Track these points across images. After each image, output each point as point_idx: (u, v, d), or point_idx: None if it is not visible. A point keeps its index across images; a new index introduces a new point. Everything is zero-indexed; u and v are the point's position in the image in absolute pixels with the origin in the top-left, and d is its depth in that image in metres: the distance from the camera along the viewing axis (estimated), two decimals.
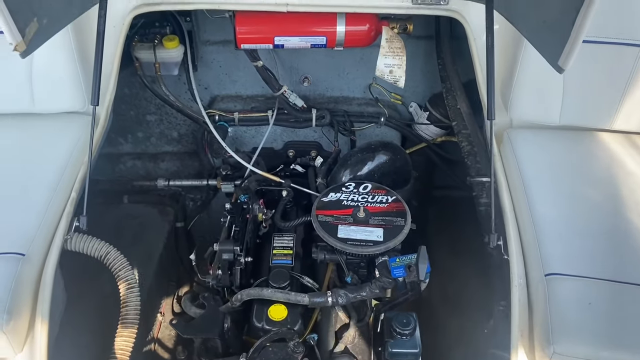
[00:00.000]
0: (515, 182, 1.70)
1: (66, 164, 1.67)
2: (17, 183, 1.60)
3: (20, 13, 1.31)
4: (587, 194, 1.61)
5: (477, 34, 1.76)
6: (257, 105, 2.44)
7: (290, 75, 2.42)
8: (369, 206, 1.68)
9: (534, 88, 1.76)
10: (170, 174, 2.60)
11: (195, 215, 2.60)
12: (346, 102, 2.49)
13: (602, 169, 1.69)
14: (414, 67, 2.33)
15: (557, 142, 1.80)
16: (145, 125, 2.54)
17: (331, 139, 2.42)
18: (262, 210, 1.82)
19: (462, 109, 2.04)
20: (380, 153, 1.97)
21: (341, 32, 1.85)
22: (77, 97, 1.80)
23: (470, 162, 1.94)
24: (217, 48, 2.35)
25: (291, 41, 1.86)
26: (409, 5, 1.73)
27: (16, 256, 1.41)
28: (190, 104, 2.41)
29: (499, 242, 1.53)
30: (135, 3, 1.76)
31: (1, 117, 1.81)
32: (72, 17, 1.56)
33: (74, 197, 1.60)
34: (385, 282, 1.53)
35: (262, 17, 1.81)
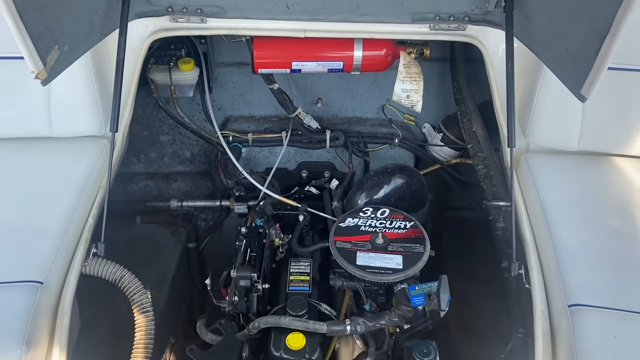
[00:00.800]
0: (534, 208, 1.68)
1: (83, 189, 1.67)
2: (34, 209, 1.60)
3: (42, 41, 1.31)
4: (606, 221, 1.60)
5: (494, 59, 1.76)
6: (270, 126, 2.44)
7: (303, 96, 2.42)
8: (387, 232, 1.67)
9: (552, 113, 1.75)
10: (182, 194, 2.59)
11: (207, 236, 2.59)
12: (359, 123, 2.48)
13: (621, 196, 1.68)
14: (428, 88, 2.32)
15: (576, 167, 1.78)
16: (158, 145, 2.54)
17: (345, 160, 2.41)
18: (279, 236, 1.81)
19: (477, 132, 2.03)
20: (396, 176, 1.96)
21: (358, 57, 1.85)
22: (94, 121, 1.80)
23: (487, 185, 1.93)
24: (232, 69, 2.36)
25: (308, 66, 1.86)
26: (427, 31, 1.73)
27: (34, 284, 1.40)
28: (204, 125, 2.42)
29: (520, 271, 1.51)
30: (152, 29, 1.77)
31: (18, 141, 1.81)
32: (92, 43, 1.57)
33: (91, 224, 1.60)
34: (405, 311, 1.51)
35: (279, 42, 1.81)
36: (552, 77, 1.68)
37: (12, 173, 1.72)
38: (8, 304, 1.34)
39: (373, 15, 1.69)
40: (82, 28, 1.50)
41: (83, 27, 1.51)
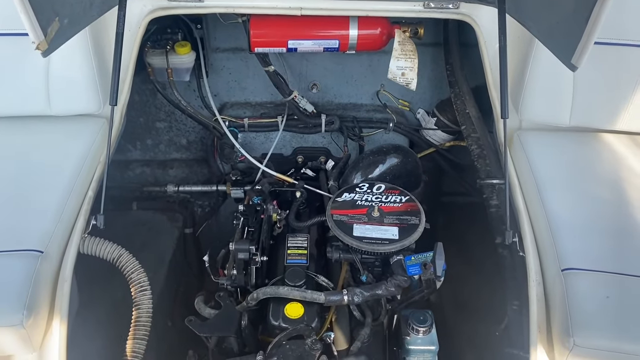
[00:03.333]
0: (527, 182, 1.72)
1: (82, 163, 1.69)
2: (35, 182, 1.61)
3: (43, 12, 1.33)
4: (597, 193, 1.63)
5: (487, 37, 1.79)
6: (266, 112, 2.46)
7: (299, 82, 2.44)
8: (383, 206, 1.69)
9: (544, 90, 1.78)
10: (179, 181, 2.61)
11: (204, 222, 2.61)
12: (354, 108, 2.51)
13: (611, 170, 1.72)
14: (422, 74, 2.34)
15: (568, 143, 1.82)
16: (154, 132, 2.56)
17: (340, 145, 2.44)
18: (276, 211, 1.83)
19: (471, 113, 2.07)
20: (391, 156, 1.99)
21: (354, 36, 1.88)
22: (93, 99, 1.81)
23: (480, 165, 1.97)
24: (227, 55, 2.39)
25: (304, 44, 1.89)
26: (421, 9, 1.77)
27: (35, 253, 1.41)
28: (200, 111, 2.44)
29: (514, 239, 1.54)
30: (151, 7, 1.79)
31: (18, 120, 1.83)
32: (92, 18, 1.59)
33: (91, 196, 1.62)
34: (400, 280, 1.54)
35: (276, 21, 1.84)
36: (543, 54, 1.73)
37: (12, 150, 1.73)
38: (9, 271, 1.36)
39: None
40: (82, 2, 1.52)
41: (83, 2, 1.53)
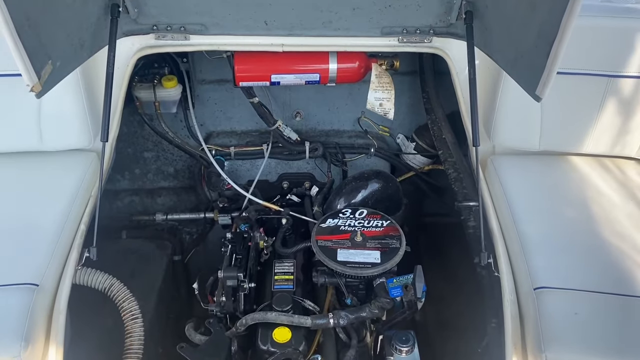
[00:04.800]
0: (501, 204, 1.81)
1: (74, 197, 1.75)
2: (29, 217, 1.67)
3: (37, 56, 1.40)
4: (566, 214, 1.73)
5: (459, 68, 1.90)
6: (251, 140, 2.54)
7: (283, 110, 2.54)
8: (365, 230, 1.77)
9: (514, 117, 1.89)
10: (167, 209, 2.67)
11: (192, 249, 2.65)
12: (337, 134, 2.61)
13: (577, 191, 1.82)
14: (400, 101, 2.45)
15: (538, 166, 1.92)
16: (142, 162, 2.62)
17: (324, 170, 2.52)
18: (263, 238, 1.90)
19: (447, 139, 2.17)
20: (373, 181, 2.08)
21: (333, 70, 1.98)
22: (84, 135, 1.88)
23: (457, 188, 2.06)
24: (213, 87, 2.47)
25: (287, 78, 1.98)
26: (396, 44, 1.87)
27: (30, 286, 1.46)
28: (187, 140, 2.51)
29: (489, 260, 1.63)
30: (139, 46, 1.87)
31: (11, 156, 1.88)
32: (82, 59, 1.66)
33: (83, 229, 1.67)
34: (384, 302, 1.61)
35: (259, 57, 1.93)
36: (511, 83, 1.82)
37: (6, 185, 1.79)
38: (6, 304, 1.41)
39: (345, 30, 1.83)
40: (73, 45, 1.60)
41: (74, 44, 1.60)
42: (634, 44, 1.74)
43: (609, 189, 1.80)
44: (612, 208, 1.72)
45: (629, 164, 1.94)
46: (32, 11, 1.37)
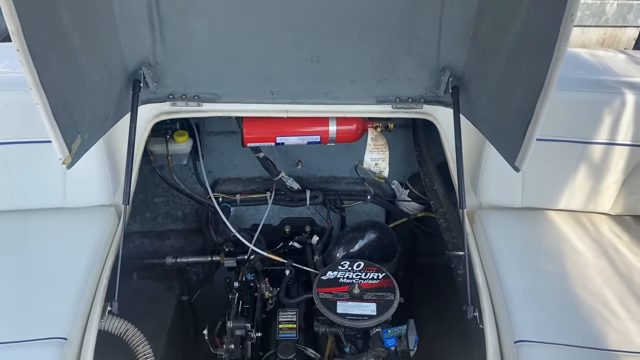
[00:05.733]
0: (487, 257, 1.98)
1: (95, 252, 1.91)
2: (54, 271, 1.83)
3: (69, 133, 1.58)
4: (544, 269, 1.90)
5: (448, 132, 2.08)
6: (256, 187, 2.72)
7: (285, 159, 2.71)
8: (363, 282, 1.93)
9: (498, 176, 2.07)
10: (175, 251, 2.83)
11: (199, 289, 2.81)
12: (336, 181, 2.78)
13: (555, 246, 2.00)
14: (395, 150, 2.63)
15: (520, 221, 2.10)
16: (153, 206, 2.79)
17: (323, 215, 2.70)
18: (268, 289, 2.06)
19: (438, 190, 2.35)
20: (369, 232, 2.25)
21: (333, 132, 2.16)
22: (104, 192, 2.05)
23: (447, 237, 2.23)
24: (220, 138, 2.65)
25: (290, 140, 2.16)
26: (390, 110, 2.05)
27: (59, 340, 1.62)
28: (195, 186, 2.68)
29: (475, 314, 1.79)
30: (155, 112, 2.05)
31: (36, 212, 2.05)
32: (106, 129, 1.84)
33: (105, 284, 1.83)
34: (379, 352, 1.77)
35: (265, 121, 2.11)
36: None
37: (32, 241, 1.95)
38: (39, 358, 1.56)
39: (343, 99, 2.01)
40: (98, 118, 1.78)
41: (99, 117, 1.78)
42: (603, 115, 1.93)
43: (583, 245, 1.98)
44: (585, 265, 1.89)
45: (602, 219, 2.12)
46: (66, 94, 1.55)
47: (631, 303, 1.77)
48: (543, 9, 1.40)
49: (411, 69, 1.92)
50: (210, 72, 1.91)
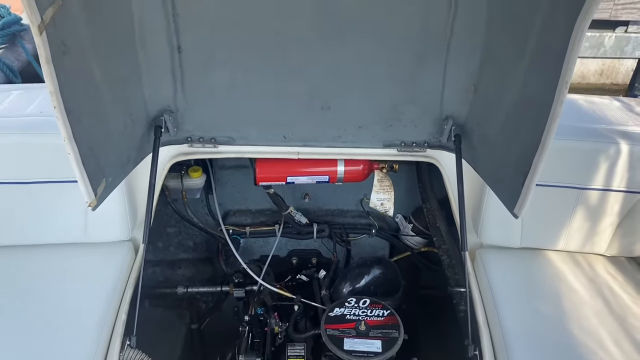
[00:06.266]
0: (487, 295, 2.07)
1: (114, 287, 2.00)
2: (75, 306, 1.92)
3: (95, 178, 1.69)
4: (542, 309, 1.99)
5: (450, 175, 2.18)
6: (265, 220, 2.82)
7: (293, 192, 2.82)
8: (369, 319, 2.02)
9: (498, 217, 2.17)
10: (186, 279, 2.92)
11: (208, 317, 2.89)
12: (342, 214, 2.88)
13: (553, 286, 2.09)
14: (399, 186, 2.74)
15: (519, 261, 2.20)
16: (165, 236, 2.89)
17: (329, 247, 2.79)
18: (278, 324, 2.15)
19: (441, 227, 2.44)
20: (374, 268, 2.35)
21: (341, 172, 2.27)
22: (124, 228, 2.15)
23: (450, 273, 2.32)
24: (231, 172, 2.76)
25: (300, 179, 2.27)
26: (395, 153, 2.16)
27: None
28: (206, 218, 2.78)
29: (475, 352, 1.87)
30: (174, 153, 2.16)
31: (58, 246, 2.15)
32: (128, 171, 1.95)
33: (124, 319, 1.92)
34: None
35: (277, 162, 2.22)
36: None
37: (55, 274, 2.05)
38: None
39: (352, 143, 2.12)
40: (122, 161, 1.89)
41: (123, 160, 1.89)
42: (598, 162, 2.03)
43: (580, 285, 2.07)
44: (581, 304, 1.98)
45: (598, 259, 2.22)
46: (94, 143, 1.66)
47: (625, 343, 1.86)
48: (540, 74, 1.51)
49: (416, 117, 2.03)
50: (227, 118, 2.02)
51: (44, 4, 1.30)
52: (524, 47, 1.53)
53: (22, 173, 2.02)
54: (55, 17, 1.35)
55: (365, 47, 1.79)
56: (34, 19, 1.27)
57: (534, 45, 1.50)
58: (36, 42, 1.31)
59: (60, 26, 1.37)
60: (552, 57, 1.39)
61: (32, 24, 1.28)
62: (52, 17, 1.33)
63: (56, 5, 1.35)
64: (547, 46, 1.44)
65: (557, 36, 1.34)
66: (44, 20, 1.31)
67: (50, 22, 1.33)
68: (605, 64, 5.57)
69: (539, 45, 1.48)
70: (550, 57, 1.40)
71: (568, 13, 1.27)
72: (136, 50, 1.75)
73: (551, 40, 1.40)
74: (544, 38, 1.45)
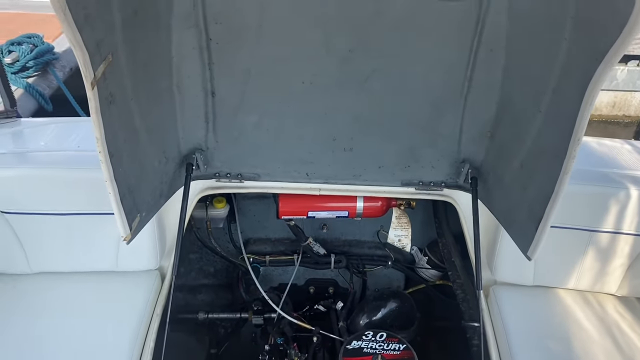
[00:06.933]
0: (500, 331, 2.14)
1: (143, 314, 2.10)
2: (106, 334, 2.02)
3: (131, 214, 1.80)
4: (552, 345, 2.06)
5: (467, 214, 2.27)
6: (284, 249, 2.91)
7: (312, 222, 2.91)
8: (385, 353, 2.10)
9: (512, 256, 2.23)
10: (206, 305, 3.01)
11: (226, 342, 2.98)
12: (358, 245, 2.97)
13: (563, 323, 2.16)
14: (415, 219, 2.82)
15: (532, 298, 2.27)
16: (187, 262, 2.98)
17: (346, 277, 2.88)
18: (297, 355, 2.23)
19: (456, 262, 2.52)
20: (390, 301, 2.43)
21: (360, 208, 2.36)
22: (152, 259, 2.26)
23: (464, 307, 2.39)
24: (253, 202, 2.87)
25: (321, 214, 2.37)
26: (413, 192, 2.26)
27: None
28: (227, 245, 2.88)
29: None
30: (202, 187, 2.27)
31: (91, 274, 2.26)
32: (160, 206, 2.06)
33: (152, 347, 2.02)
34: None
35: (299, 198, 2.32)
36: None
37: (87, 301, 2.16)
38: None
39: (371, 181, 2.22)
40: (155, 197, 2.00)
41: (156, 196, 2.01)
42: (609, 206, 2.11)
43: (590, 323, 2.13)
44: (591, 343, 2.05)
45: (608, 299, 2.28)
46: (132, 181, 1.77)
47: None
48: (554, 129, 1.60)
49: (434, 159, 2.13)
50: (253, 156, 2.14)
51: (97, 61, 1.42)
52: (539, 103, 1.62)
53: (60, 205, 2.14)
54: (106, 72, 1.47)
55: (387, 96, 1.90)
56: (88, 74, 1.39)
57: (548, 103, 1.59)
58: (88, 95, 1.43)
59: (109, 79, 1.49)
60: (565, 115, 1.48)
61: (86, 79, 1.40)
62: (103, 73, 1.46)
63: (107, 61, 1.48)
64: (561, 105, 1.53)
65: (569, 97, 1.44)
66: (96, 75, 1.43)
67: (101, 77, 1.45)
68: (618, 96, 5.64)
69: (552, 103, 1.57)
70: (564, 115, 1.49)
71: (578, 82, 1.36)
72: (173, 95, 1.88)
73: (564, 100, 1.50)
74: (557, 97, 1.54)
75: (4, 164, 2.18)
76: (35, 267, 2.24)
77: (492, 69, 1.76)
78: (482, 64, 1.77)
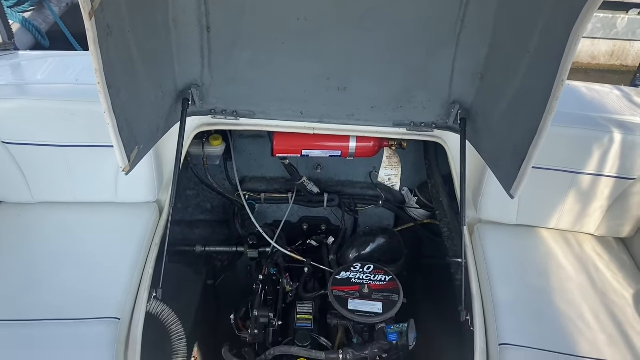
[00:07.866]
0: (482, 267, 2.26)
1: (141, 244, 2.21)
2: (107, 260, 2.12)
3: (129, 146, 1.86)
4: (531, 282, 2.18)
5: (455, 155, 2.33)
6: (278, 187, 3.00)
7: (306, 163, 2.99)
8: (371, 284, 2.22)
9: (497, 196, 2.31)
10: (203, 239, 3.12)
11: (222, 274, 3.12)
12: (351, 185, 3.06)
13: (543, 262, 2.27)
14: (406, 160, 2.90)
15: (514, 236, 2.37)
16: (185, 198, 3.08)
17: (338, 216, 2.98)
18: (289, 283, 2.36)
19: (443, 202, 2.61)
20: (379, 237, 2.54)
21: (352, 148, 2.43)
22: (151, 191, 2.34)
23: (449, 244, 2.51)
24: (249, 140, 2.93)
25: (314, 153, 2.43)
26: (404, 132, 2.31)
27: (114, 320, 1.92)
28: (223, 183, 2.97)
29: (467, 317, 2.07)
30: (198, 123, 2.33)
31: (91, 205, 2.35)
32: (157, 140, 2.12)
33: (151, 273, 2.13)
34: (383, 344, 2.07)
35: (293, 136, 2.38)
36: None
37: (88, 230, 2.26)
38: (97, 334, 1.86)
39: (364, 121, 2.27)
40: (152, 130, 2.06)
41: (153, 129, 2.06)
42: (592, 150, 2.17)
43: (567, 262, 2.25)
44: (567, 280, 2.17)
45: (587, 239, 2.39)
46: (130, 114, 1.83)
47: (603, 316, 2.05)
48: (541, 70, 1.64)
49: (425, 100, 2.17)
50: (249, 93, 2.18)
51: None
52: (528, 44, 1.66)
53: (59, 136, 2.20)
54: (103, 3, 1.49)
55: (381, 35, 1.92)
56: (86, 5, 1.42)
57: (536, 44, 1.63)
58: (86, 26, 1.46)
59: (106, 10, 1.51)
60: (551, 56, 1.53)
61: (84, 10, 1.43)
62: (100, 4, 1.48)
63: None
64: (548, 46, 1.57)
65: (556, 39, 1.48)
66: (94, 6, 1.45)
67: (99, 7, 1.48)
68: (617, 45, 5.59)
69: (540, 44, 1.61)
70: (550, 56, 1.54)
71: (566, 19, 1.40)
72: (169, 29, 1.90)
73: (551, 42, 1.54)
74: (545, 39, 1.58)
75: (4, 95, 2.22)
76: (38, 196, 2.32)
77: (485, 9, 1.78)
78: (475, 3, 1.79)
